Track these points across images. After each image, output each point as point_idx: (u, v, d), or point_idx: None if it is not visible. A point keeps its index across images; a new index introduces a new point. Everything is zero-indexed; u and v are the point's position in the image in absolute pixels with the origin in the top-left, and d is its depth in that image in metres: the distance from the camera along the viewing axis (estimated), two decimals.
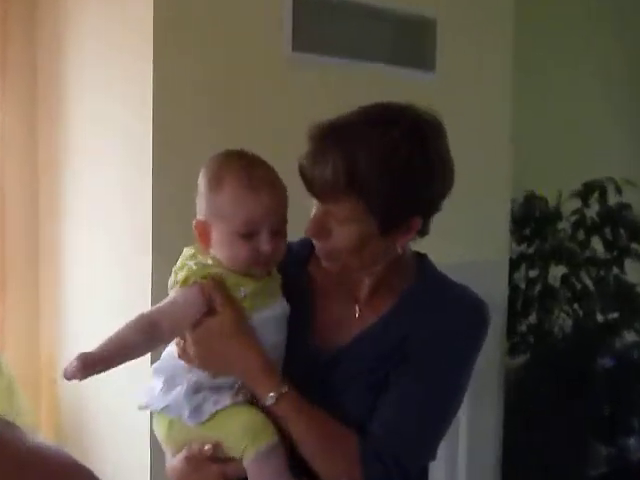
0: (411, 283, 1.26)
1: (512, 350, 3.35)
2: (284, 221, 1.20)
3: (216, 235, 1.18)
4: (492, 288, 2.95)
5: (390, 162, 1.15)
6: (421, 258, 1.31)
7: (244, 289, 1.19)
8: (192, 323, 1.16)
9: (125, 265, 2.21)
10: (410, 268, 1.28)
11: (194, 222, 1.20)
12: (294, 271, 1.29)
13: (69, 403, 2.36)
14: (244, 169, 1.18)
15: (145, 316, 1.16)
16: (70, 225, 2.35)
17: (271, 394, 1.15)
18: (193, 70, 2.14)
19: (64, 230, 2.36)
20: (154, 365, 1.23)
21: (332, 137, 1.17)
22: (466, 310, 1.24)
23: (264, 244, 1.17)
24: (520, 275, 3.43)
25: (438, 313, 1.22)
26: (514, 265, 3.34)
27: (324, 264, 1.24)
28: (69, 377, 1.07)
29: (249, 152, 1.22)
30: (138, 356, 1.15)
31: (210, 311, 1.17)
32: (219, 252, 1.19)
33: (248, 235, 1.17)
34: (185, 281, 1.17)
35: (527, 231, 3.47)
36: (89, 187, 2.30)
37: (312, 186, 1.18)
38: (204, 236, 1.19)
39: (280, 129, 2.33)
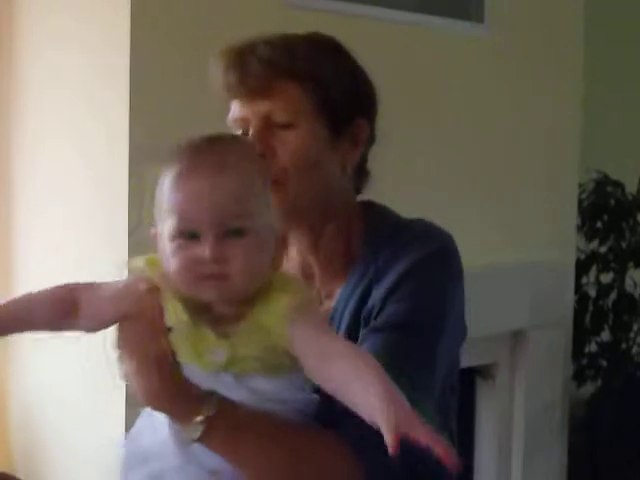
0: (360, 244, 1.31)
1: (578, 376, 3.31)
2: (248, 216, 1.06)
3: (159, 242, 1.09)
4: (554, 296, 2.95)
5: (320, 47, 1.29)
6: (369, 207, 1.36)
7: (176, 318, 1.07)
8: (112, 317, 1.11)
9: (95, 268, 2.17)
10: (357, 225, 1.33)
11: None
12: None
13: (19, 433, 2.39)
14: (191, 153, 1.09)
15: (69, 285, 1.13)
16: (24, 220, 2.36)
17: (197, 419, 1.07)
18: (174, 15, 2.14)
19: (15, 234, 2.38)
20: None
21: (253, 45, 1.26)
22: (421, 245, 1.29)
23: (203, 248, 1.04)
24: (589, 280, 3.38)
25: (392, 262, 1.26)
26: (582, 267, 3.31)
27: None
28: None
29: (221, 134, 1.15)
30: (40, 329, 1.14)
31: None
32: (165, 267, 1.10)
33: (184, 237, 1.05)
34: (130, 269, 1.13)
35: (599, 225, 3.41)
36: (47, 165, 2.30)
37: (243, 82, 1.23)
38: (156, 246, 1.12)
39: None
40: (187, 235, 1.05)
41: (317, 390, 1.11)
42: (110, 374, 1.13)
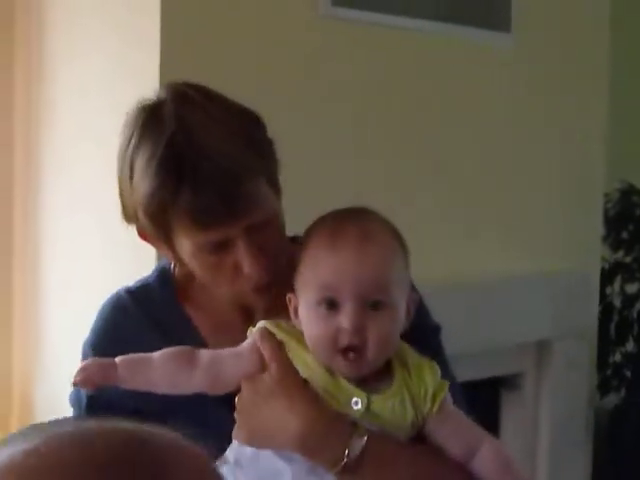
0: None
1: (603, 386, 3.30)
2: (387, 291, 1.10)
3: (300, 311, 1.13)
4: (579, 307, 2.93)
5: (250, 118, 1.22)
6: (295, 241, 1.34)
7: (309, 370, 1.11)
8: (234, 376, 1.14)
9: (121, 279, 2.18)
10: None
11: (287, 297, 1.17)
12: (171, 312, 1.27)
13: None
14: (334, 226, 1.12)
15: (189, 347, 1.15)
16: (50, 226, 2.36)
17: (353, 440, 1.08)
18: (213, 23, 2.15)
19: (43, 235, 2.38)
20: None
21: (186, 148, 1.13)
22: None
23: (344, 319, 1.08)
24: (614, 290, 3.37)
25: None
26: (607, 277, 3.30)
27: (257, 300, 1.23)
28: (75, 383, 1.11)
29: (362, 208, 1.16)
30: (160, 386, 1.14)
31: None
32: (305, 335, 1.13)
33: (326, 306, 1.09)
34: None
35: (624, 234, 3.40)
36: (75, 179, 2.30)
37: (228, 205, 1.13)
38: (295, 316, 1.14)
39: (315, 101, 2.30)
40: (327, 304, 1.09)
41: None
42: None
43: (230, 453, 1.14)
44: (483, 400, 2.89)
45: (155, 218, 1.16)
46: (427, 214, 2.57)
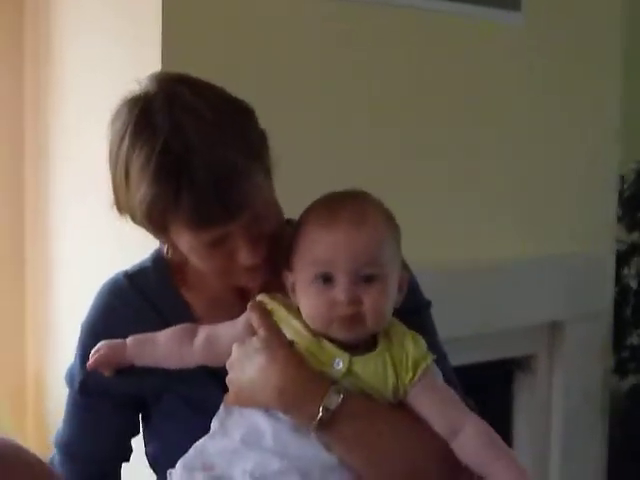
0: None
1: (619, 369, 3.30)
2: (380, 264, 1.16)
3: (297, 287, 1.19)
4: (594, 288, 2.94)
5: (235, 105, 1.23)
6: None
7: (297, 333, 1.17)
8: (230, 345, 1.21)
9: (129, 262, 2.21)
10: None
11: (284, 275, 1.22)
12: (167, 294, 1.31)
13: (57, 421, 2.40)
14: (330, 207, 1.19)
15: (192, 324, 1.25)
16: (60, 213, 2.40)
17: (329, 395, 1.12)
18: (207, 8, 2.15)
19: (53, 223, 2.42)
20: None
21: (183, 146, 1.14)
22: None
23: (338, 292, 1.14)
24: (630, 272, 3.37)
25: None
26: (623, 259, 3.31)
27: (249, 280, 1.26)
28: (91, 367, 1.23)
29: (355, 190, 1.22)
30: (167, 362, 1.23)
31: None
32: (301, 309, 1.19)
33: (322, 280, 1.15)
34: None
35: (639, 216, 3.38)
36: (83, 156, 2.33)
37: (233, 206, 1.16)
38: (292, 291, 1.21)
39: (305, 89, 2.33)
40: (323, 279, 1.16)
41: None
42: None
43: (216, 419, 1.19)
44: (496, 382, 2.90)
45: (153, 221, 1.19)
46: (440, 197, 2.58)
